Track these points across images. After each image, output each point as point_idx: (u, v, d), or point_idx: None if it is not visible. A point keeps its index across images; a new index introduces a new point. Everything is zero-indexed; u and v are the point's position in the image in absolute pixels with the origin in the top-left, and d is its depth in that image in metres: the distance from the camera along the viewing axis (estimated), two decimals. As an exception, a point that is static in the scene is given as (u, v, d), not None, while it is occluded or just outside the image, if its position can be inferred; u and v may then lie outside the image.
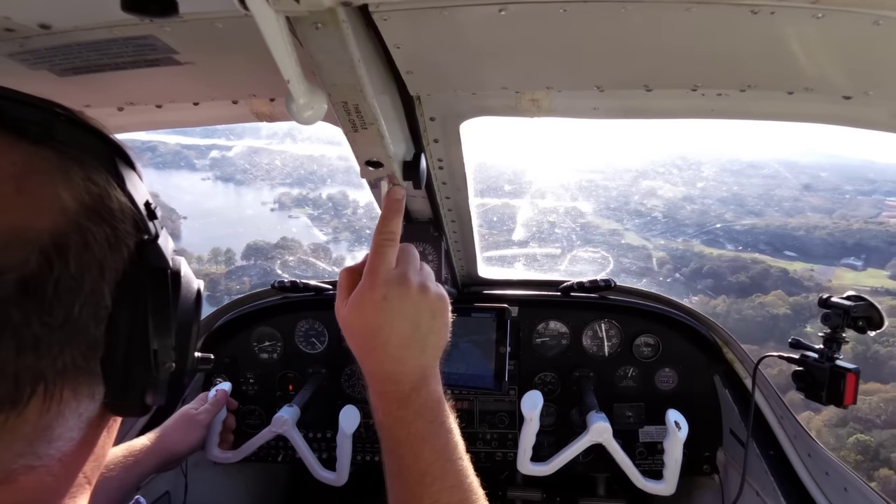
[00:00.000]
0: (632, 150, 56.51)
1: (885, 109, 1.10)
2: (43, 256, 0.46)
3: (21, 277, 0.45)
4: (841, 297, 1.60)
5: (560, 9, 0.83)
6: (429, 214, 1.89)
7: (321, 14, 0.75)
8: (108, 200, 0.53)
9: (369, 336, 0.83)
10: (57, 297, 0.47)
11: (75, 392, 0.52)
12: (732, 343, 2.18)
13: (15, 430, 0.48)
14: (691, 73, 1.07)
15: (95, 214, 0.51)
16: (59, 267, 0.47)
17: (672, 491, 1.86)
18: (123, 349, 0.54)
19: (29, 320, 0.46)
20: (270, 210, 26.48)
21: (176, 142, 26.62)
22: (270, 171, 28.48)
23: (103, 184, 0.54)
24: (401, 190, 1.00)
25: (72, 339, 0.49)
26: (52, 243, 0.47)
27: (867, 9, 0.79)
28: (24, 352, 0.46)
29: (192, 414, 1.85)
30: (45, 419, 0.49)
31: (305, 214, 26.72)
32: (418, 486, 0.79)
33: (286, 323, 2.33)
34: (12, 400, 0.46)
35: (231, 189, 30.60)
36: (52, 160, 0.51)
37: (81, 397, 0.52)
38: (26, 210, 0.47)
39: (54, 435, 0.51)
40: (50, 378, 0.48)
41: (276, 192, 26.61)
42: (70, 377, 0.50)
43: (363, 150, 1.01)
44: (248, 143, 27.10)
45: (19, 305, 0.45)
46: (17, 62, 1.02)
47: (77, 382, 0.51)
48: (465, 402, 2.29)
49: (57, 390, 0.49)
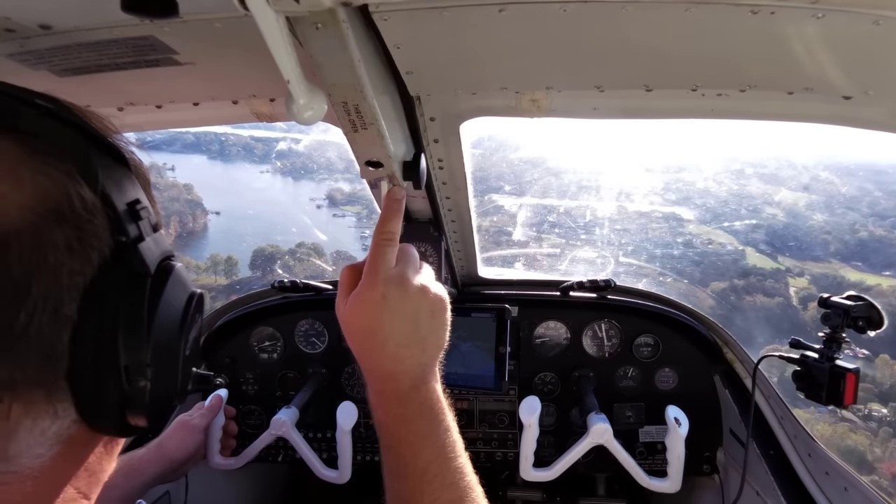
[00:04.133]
0: (728, 145, 38.90)
1: (885, 109, 1.10)
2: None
3: None
4: (841, 297, 1.60)
5: (560, 9, 0.83)
6: (429, 214, 1.89)
7: (321, 14, 0.75)
8: (74, 199, 0.48)
9: (369, 335, 0.83)
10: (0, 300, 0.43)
11: (27, 408, 0.46)
12: (732, 343, 2.18)
13: None
14: (691, 73, 1.07)
15: (54, 214, 0.46)
16: (1, 267, 0.43)
17: (677, 488, 1.86)
18: (90, 364, 0.48)
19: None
20: (317, 207, 23.96)
21: (249, 134, 25.12)
22: (329, 166, 25.68)
23: (70, 181, 0.48)
24: (401, 190, 1.00)
25: (17, 350, 0.44)
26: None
27: (867, 9, 0.79)
28: None
29: (187, 420, 1.85)
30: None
31: (354, 213, 23.57)
32: (418, 483, 0.79)
33: (286, 323, 2.33)
34: None
35: (286, 183, 28.39)
36: (13, 152, 0.46)
37: (40, 413, 0.47)
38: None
39: (13, 453, 0.47)
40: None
41: (327, 188, 23.84)
42: (21, 392, 0.45)
43: (363, 150, 1.01)
44: (316, 137, 25.06)
45: None
46: (17, 62, 1.02)
47: (30, 398, 0.46)
48: (465, 402, 2.29)
49: (4, 405, 0.45)
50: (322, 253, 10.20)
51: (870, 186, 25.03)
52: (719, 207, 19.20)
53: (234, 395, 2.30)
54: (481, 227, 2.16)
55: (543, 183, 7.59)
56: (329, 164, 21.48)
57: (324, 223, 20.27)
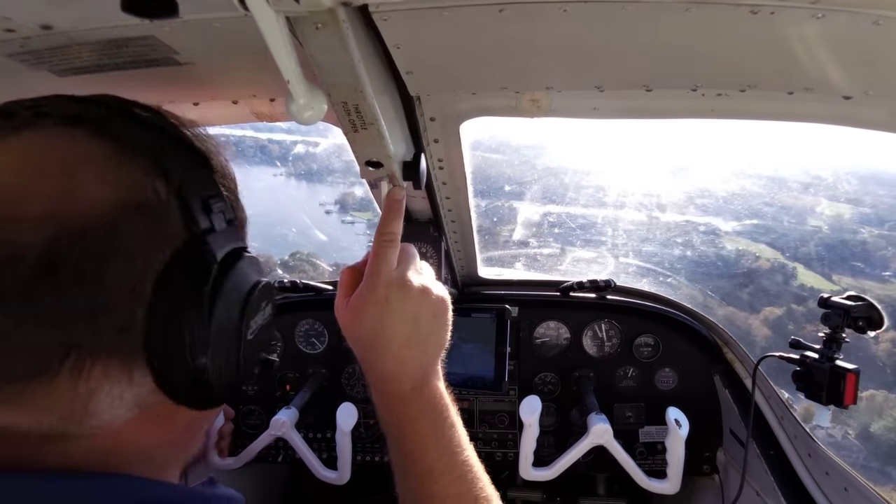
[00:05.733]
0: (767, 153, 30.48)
1: (885, 109, 1.10)
2: (69, 238, 0.49)
3: (46, 256, 0.47)
4: (841, 297, 1.60)
5: (560, 9, 0.83)
6: (429, 214, 1.89)
7: (321, 14, 0.75)
8: (149, 192, 0.55)
9: (371, 337, 0.84)
10: (81, 279, 0.49)
11: (107, 370, 0.53)
12: (732, 343, 2.18)
13: (54, 395, 0.51)
14: (691, 73, 1.07)
15: (132, 205, 0.53)
16: (81, 249, 0.49)
17: (676, 489, 1.86)
18: (161, 339, 0.54)
19: (53, 297, 0.48)
20: (326, 213, 22.50)
21: (267, 137, 24.61)
22: (345, 170, 24.02)
23: (146, 176, 0.55)
24: (401, 191, 1.00)
25: (100, 320, 0.51)
26: (78, 228, 0.49)
27: (867, 9, 0.79)
28: (47, 325, 0.49)
29: None
30: (80, 390, 0.52)
31: (365, 219, 21.47)
32: (426, 480, 0.81)
33: (286, 323, 2.33)
34: (43, 369, 0.49)
35: (298, 186, 27.00)
36: (98, 150, 0.54)
37: (117, 378, 0.54)
38: (63, 195, 0.50)
39: (92, 408, 0.53)
40: (80, 352, 0.51)
41: (339, 192, 22.45)
42: (103, 355, 0.52)
43: (363, 150, 1.01)
44: (334, 140, 23.96)
45: (44, 283, 0.48)
46: (17, 62, 1.02)
47: (108, 364, 0.53)
48: (465, 402, 2.29)
49: (87, 365, 0.51)
50: (318, 264, 9.77)
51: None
52: (760, 219, 17.33)
53: (234, 396, 2.30)
54: (493, 231, 2.16)
55: (576, 190, 7.28)
56: (346, 167, 20.49)
57: (329, 228, 19.49)
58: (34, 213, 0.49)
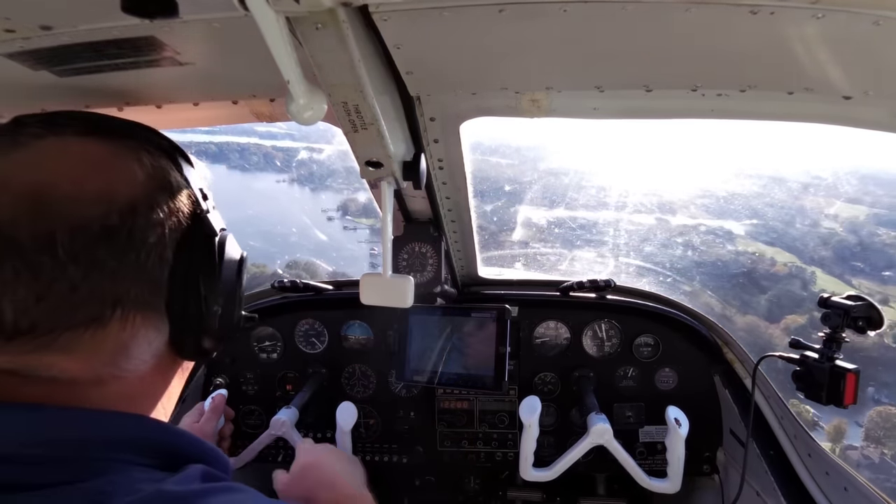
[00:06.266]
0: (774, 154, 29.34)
1: (885, 109, 1.10)
2: (119, 213, 0.63)
3: (103, 226, 0.62)
4: (841, 297, 1.60)
5: (560, 9, 0.84)
6: (429, 214, 1.88)
7: (321, 14, 0.75)
8: (170, 178, 0.71)
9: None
10: (130, 244, 0.64)
11: (145, 320, 0.67)
12: (732, 343, 2.18)
13: (102, 342, 0.64)
14: (691, 73, 1.07)
15: (160, 187, 0.69)
16: (131, 221, 0.64)
17: (677, 488, 1.86)
18: (181, 294, 0.70)
19: (109, 257, 0.62)
20: (328, 219, 21.27)
21: (271, 144, 24.12)
22: (350, 176, 22.68)
23: (166, 167, 0.72)
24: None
25: (141, 277, 0.65)
26: (126, 204, 0.64)
27: (867, 9, 0.79)
28: (105, 280, 0.62)
29: (196, 427, 1.84)
30: (122, 337, 0.65)
31: (368, 226, 19.53)
32: None
33: (286, 323, 2.33)
34: (98, 317, 0.62)
35: (301, 193, 25.68)
36: (129, 149, 0.70)
37: (150, 327, 0.68)
38: (109, 179, 0.65)
39: (131, 353, 0.67)
40: (125, 304, 0.64)
41: (342, 198, 21.10)
42: (141, 307, 0.66)
43: (363, 150, 1.01)
44: (339, 147, 23.03)
45: (103, 246, 0.61)
46: (17, 62, 1.02)
47: (147, 313, 0.67)
48: (465, 402, 2.29)
49: (131, 315, 0.65)
50: (316, 273, 9.47)
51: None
52: (775, 222, 16.38)
53: (234, 395, 2.30)
54: (494, 231, 2.16)
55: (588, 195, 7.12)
56: (349, 173, 19.40)
57: (330, 235, 18.53)
58: (92, 193, 0.62)
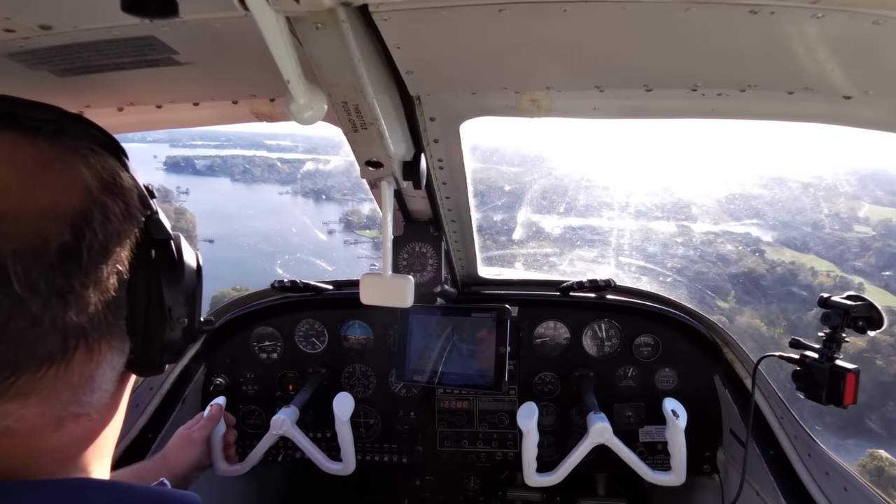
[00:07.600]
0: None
1: (885, 109, 1.10)
2: (75, 227, 0.54)
3: (60, 245, 0.52)
4: (841, 297, 1.60)
5: (560, 9, 0.83)
6: (429, 214, 1.89)
7: (321, 14, 0.75)
8: (120, 179, 0.62)
9: None
10: (91, 261, 0.55)
11: (110, 346, 0.60)
12: (732, 343, 2.18)
13: (64, 379, 0.55)
14: (691, 73, 1.07)
15: (110, 191, 0.59)
16: (89, 235, 0.55)
17: (682, 481, 1.85)
18: (143, 308, 0.62)
19: (71, 282, 0.53)
20: (328, 233, 20.52)
21: (278, 156, 23.31)
22: (354, 188, 21.07)
23: (114, 166, 0.62)
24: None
25: (103, 298, 0.57)
26: (80, 215, 0.55)
27: (867, 9, 0.79)
28: (68, 309, 0.53)
29: (188, 434, 1.87)
30: (87, 370, 0.58)
31: (371, 238, 18.45)
32: None
33: (286, 323, 2.33)
34: (62, 351, 0.54)
35: (303, 205, 24.67)
36: (68, 150, 0.59)
37: (114, 351, 0.61)
38: (55, 188, 0.55)
39: (95, 385, 0.60)
40: (90, 333, 0.56)
41: (344, 210, 20.36)
42: (105, 333, 0.58)
43: (363, 150, 1.01)
44: (345, 158, 22.38)
45: (62, 269, 0.52)
46: (17, 62, 1.02)
47: (111, 338, 0.60)
48: (465, 402, 2.29)
49: (96, 344, 0.57)
50: None
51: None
52: (807, 228, 15.50)
53: (234, 396, 2.29)
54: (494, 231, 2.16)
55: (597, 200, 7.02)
56: (353, 185, 18.27)
57: (332, 249, 17.91)
58: (38, 206, 0.53)
